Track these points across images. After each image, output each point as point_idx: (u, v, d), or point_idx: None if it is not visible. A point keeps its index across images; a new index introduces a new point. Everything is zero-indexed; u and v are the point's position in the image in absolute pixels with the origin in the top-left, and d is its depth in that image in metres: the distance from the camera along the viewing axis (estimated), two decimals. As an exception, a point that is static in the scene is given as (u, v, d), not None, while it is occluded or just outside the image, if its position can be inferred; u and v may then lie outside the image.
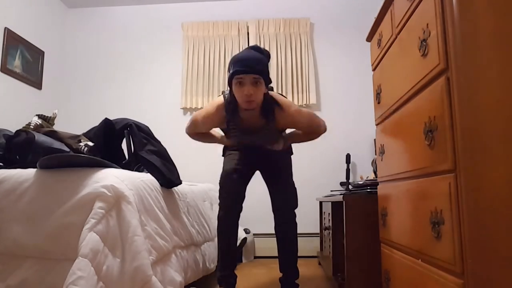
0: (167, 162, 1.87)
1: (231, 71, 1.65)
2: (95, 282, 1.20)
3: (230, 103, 1.76)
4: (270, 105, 1.76)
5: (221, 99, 1.82)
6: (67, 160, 1.50)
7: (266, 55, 1.74)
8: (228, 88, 1.75)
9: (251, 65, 1.62)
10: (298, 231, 2.03)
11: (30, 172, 1.48)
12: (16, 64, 3.37)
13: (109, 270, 1.26)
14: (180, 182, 1.91)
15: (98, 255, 1.24)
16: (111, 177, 1.41)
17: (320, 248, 3.09)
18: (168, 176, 1.79)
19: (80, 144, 1.73)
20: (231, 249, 1.97)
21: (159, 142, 1.94)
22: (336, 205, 2.21)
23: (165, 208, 1.70)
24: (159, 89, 3.97)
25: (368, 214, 1.62)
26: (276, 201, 2.00)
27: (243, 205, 1.98)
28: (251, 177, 2.08)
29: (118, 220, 1.35)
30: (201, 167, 3.65)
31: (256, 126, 1.82)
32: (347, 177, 3.45)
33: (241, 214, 2.00)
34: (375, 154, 2.09)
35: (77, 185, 1.39)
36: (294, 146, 2.09)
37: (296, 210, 2.02)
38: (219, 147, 2.19)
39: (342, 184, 3.48)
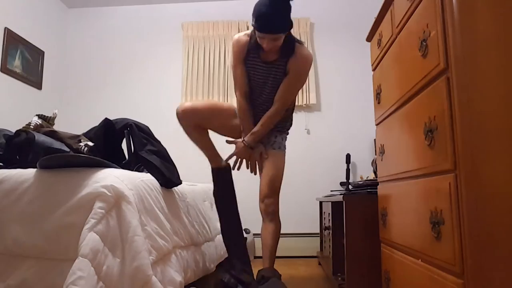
0: (167, 162, 1.87)
1: (253, 23, 1.76)
2: (95, 282, 1.20)
3: (254, 43, 1.90)
4: (291, 42, 1.88)
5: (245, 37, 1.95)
6: (67, 160, 1.50)
7: (288, 7, 1.77)
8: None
9: (270, 26, 1.73)
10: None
11: (30, 172, 1.48)
12: (16, 64, 3.37)
13: (109, 270, 1.26)
14: (180, 182, 1.91)
15: (98, 255, 1.24)
16: (111, 177, 1.41)
17: (320, 248, 3.09)
18: (168, 176, 1.79)
19: (80, 144, 1.73)
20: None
21: (159, 142, 1.94)
22: (336, 205, 2.21)
23: (165, 208, 1.70)
24: (159, 89, 3.97)
25: (368, 214, 1.62)
26: None
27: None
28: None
29: (118, 220, 1.35)
30: (201, 167, 3.65)
31: (272, 59, 1.91)
32: (347, 177, 3.45)
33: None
34: (375, 154, 2.09)
35: (77, 185, 1.39)
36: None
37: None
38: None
39: (342, 184, 3.48)
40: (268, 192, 1.98)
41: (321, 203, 3.12)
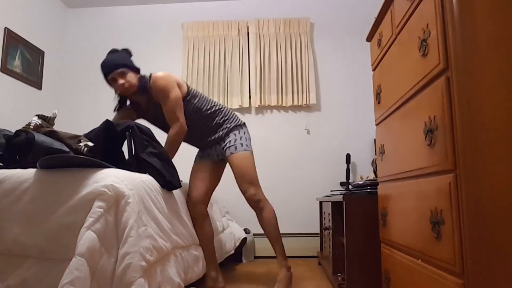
0: (167, 164, 1.86)
1: (106, 79, 2.06)
2: (90, 282, 1.20)
3: (119, 102, 2.21)
4: (145, 83, 2.09)
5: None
6: (67, 160, 1.50)
7: (122, 52, 2.12)
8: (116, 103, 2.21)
9: (110, 65, 2.01)
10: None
11: (30, 172, 1.48)
12: (16, 64, 3.37)
13: (103, 269, 1.26)
14: (180, 185, 1.91)
15: (95, 254, 1.24)
16: (111, 177, 1.41)
17: (320, 248, 3.09)
18: (168, 179, 1.79)
19: (80, 144, 1.73)
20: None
21: (160, 144, 1.94)
22: (336, 205, 2.21)
23: (165, 208, 1.70)
24: (159, 89, 3.96)
25: (368, 214, 1.62)
26: None
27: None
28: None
29: (116, 219, 1.35)
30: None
31: (147, 108, 2.16)
32: (347, 177, 3.45)
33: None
34: (375, 154, 2.09)
35: (77, 185, 1.39)
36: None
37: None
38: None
39: (342, 184, 3.48)
40: (244, 186, 2.06)
41: (321, 203, 3.13)
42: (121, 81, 1.99)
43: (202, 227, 2.07)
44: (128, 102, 2.20)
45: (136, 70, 2.10)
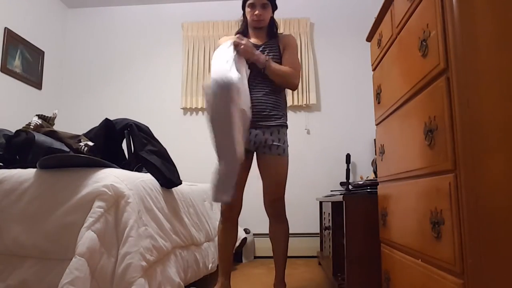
0: (167, 162, 1.87)
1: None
2: (90, 281, 1.21)
3: (242, 27, 2.11)
4: (274, 25, 2.12)
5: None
6: (67, 160, 1.50)
7: None
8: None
9: None
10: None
11: (30, 172, 1.48)
12: (16, 64, 3.37)
13: (104, 269, 1.26)
14: (180, 182, 1.91)
15: (95, 254, 1.24)
16: (111, 177, 1.42)
17: (320, 248, 3.09)
18: (168, 176, 1.79)
19: (80, 144, 1.73)
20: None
21: (159, 142, 1.94)
22: (336, 205, 2.21)
23: (165, 208, 1.70)
24: (159, 89, 3.97)
25: (368, 214, 1.62)
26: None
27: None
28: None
29: (116, 219, 1.35)
30: (201, 167, 3.65)
31: (262, 42, 2.06)
32: (347, 177, 3.45)
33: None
34: (375, 154, 2.09)
35: (77, 185, 1.39)
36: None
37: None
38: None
39: (342, 184, 3.48)
40: (275, 198, 1.95)
41: (321, 203, 3.12)
42: (259, 11, 1.98)
43: (231, 233, 1.99)
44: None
45: (274, 10, 2.10)
